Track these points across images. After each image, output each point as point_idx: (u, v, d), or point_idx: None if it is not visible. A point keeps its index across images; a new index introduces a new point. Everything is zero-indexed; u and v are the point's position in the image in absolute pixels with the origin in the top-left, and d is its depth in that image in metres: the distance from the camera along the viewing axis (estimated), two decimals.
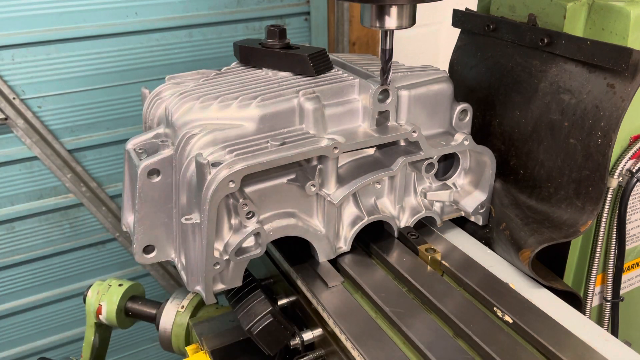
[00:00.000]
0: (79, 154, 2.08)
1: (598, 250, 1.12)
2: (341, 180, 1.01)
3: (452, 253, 1.10)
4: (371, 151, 1.10)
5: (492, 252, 1.14)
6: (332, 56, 1.16)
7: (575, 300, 1.02)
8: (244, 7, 2.10)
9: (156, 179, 0.97)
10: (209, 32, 2.09)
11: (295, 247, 1.08)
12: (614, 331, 1.18)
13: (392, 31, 0.98)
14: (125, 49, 1.99)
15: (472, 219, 1.18)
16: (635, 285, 1.24)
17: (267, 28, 1.10)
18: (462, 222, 1.21)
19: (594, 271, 1.14)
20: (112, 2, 1.90)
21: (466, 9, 1.29)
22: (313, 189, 0.97)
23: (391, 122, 1.06)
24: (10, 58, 1.85)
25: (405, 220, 1.13)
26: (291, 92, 1.01)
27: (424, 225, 1.17)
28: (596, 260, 1.13)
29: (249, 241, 0.95)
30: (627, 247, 1.15)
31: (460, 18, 1.29)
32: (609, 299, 1.17)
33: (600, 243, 1.12)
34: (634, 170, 1.06)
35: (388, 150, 1.09)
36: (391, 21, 0.94)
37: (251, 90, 1.02)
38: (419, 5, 0.95)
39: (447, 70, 1.28)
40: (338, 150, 0.96)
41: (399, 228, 1.12)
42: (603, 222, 1.10)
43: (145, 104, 1.12)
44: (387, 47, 0.99)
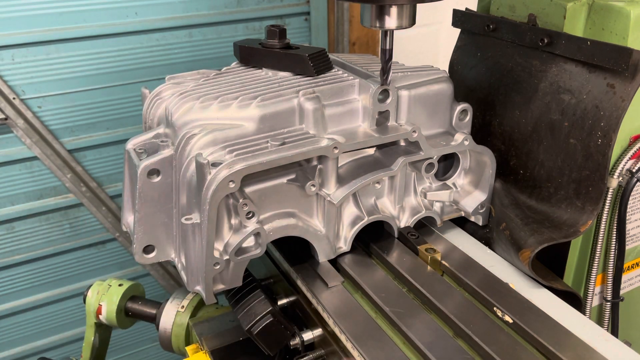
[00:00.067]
0: (79, 154, 2.08)
1: (598, 250, 1.12)
2: (341, 180, 1.01)
3: (452, 253, 1.10)
4: (371, 151, 1.10)
5: (492, 252, 1.14)
6: (332, 56, 1.16)
7: (575, 300, 1.02)
8: (244, 7, 2.10)
9: (156, 179, 0.97)
10: (209, 32, 2.09)
11: (295, 247, 1.08)
12: (614, 331, 1.18)
13: (392, 31, 0.98)
14: (125, 49, 1.99)
15: (472, 219, 1.18)
16: (635, 285, 1.24)
17: (267, 28, 1.10)
18: (462, 222, 1.21)
19: (594, 271, 1.14)
20: (112, 2, 1.90)
21: (466, 9, 1.29)
22: (313, 189, 0.97)
23: (391, 122, 1.06)
24: (10, 58, 1.84)
25: (405, 220, 1.13)
26: (291, 92, 1.01)
27: (424, 225, 1.17)
28: (596, 260, 1.13)
29: (249, 241, 0.95)
30: (627, 247, 1.15)
31: (460, 18, 1.29)
32: (609, 299, 1.17)
33: (600, 243, 1.12)
34: (634, 170, 1.06)
35: (388, 150, 1.09)
36: (391, 21, 0.94)
37: (251, 90, 1.02)
38: (419, 5, 0.95)
39: (447, 70, 1.28)
40: (338, 150, 0.96)
41: (399, 228, 1.12)
42: (603, 222, 1.10)
43: (145, 104, 1.12)
44: (387, 47, 0.99)
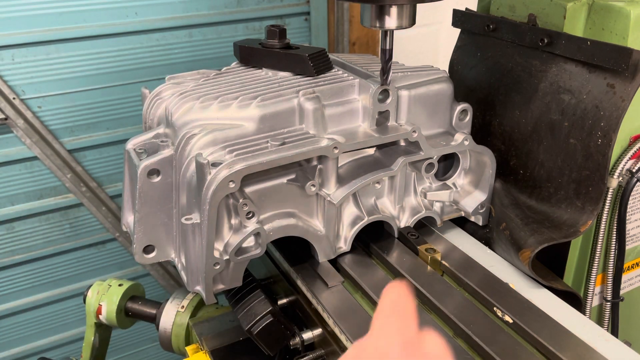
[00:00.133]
0: (79, 154, 2.07)
1: (598, 250, 1.12)
2: (341, 180, 1.01)
3: (452, 253, 1.10)
4: (371, 151, 1.10)
5: (492, 252, 1.14)
6: (332, 56, 1.16)
7: (575, 300, 1.02)
8: (244, 7, 2.10)
9: (156, 179, 0.97)
10: (209, 32, 2.08)
11: (295, 247, 1.08)
12: (614, 331, 1.18)
13: (392, 31, 0.98)
14: (125, 49, 1.98)
15: (472, 219, 1.18)
16: (635, 285, 1.24)
17: (267, 28, 1.10)
18: (462, 222, 1.21)
19: (594, 271, 1.14)
20: (112, 2, 1.90)
21: (466, 9, 1.29)
22: (313, 189, 0.97)
23: (391, 122, 1.05)
24: (10, 58, 1.84)
25: (405, 220, 1.13)
26: (291, 92, 1.01)
27: (424, 225, 1.17)
28: (596, 260, 1.13)
29: (249, 241, 0.95)
30: (627, 247, 1.15)
31: (460, 18, 1.29)
32: (609, 299, 1.17)
33: (600, 243, 1.12)
34: (634, 170, 1.06)
35: (388, 150, 1.09)
36: (391, 21, 0.94)
37: (251, 90, 1.02)
38: (419, 5, 0.95)
39: (447, 70, 1.28)
40: (338, 150, 0.96)
41: (399, 228, 1.12)
42: (603, 222, 1.10)
43: (145, 104, 1.12)
44: (387, 47, 0.99)
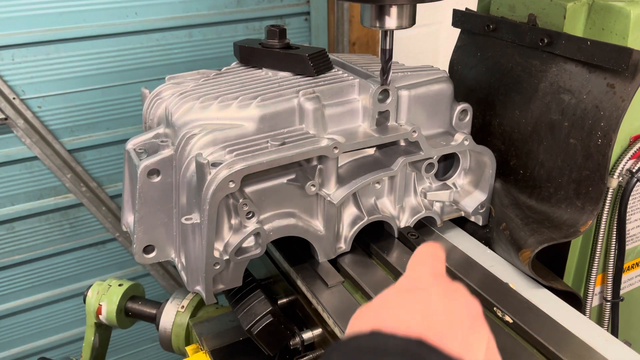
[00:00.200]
0: (79, 154, 2.07)
1: (598, 250, 1.12)
2: (341, 180, 1.01)
3: (452, 253, 1.10)
4: (371, 151, 1.10)
5: (492, 252, 1.14)
6: (332, 56, 1.16)
7: (575, 300, 1.02)
8: (244, 7, 2.10)
9: (156, 179, 0.97)
10: (209, 32, 2.08)
11: (295, 247, 1.08)
12: (614, 331, 1.18)
13: (392, 31, 0.98)
14: (125, 49, 1.98)
15: (472, 219, 1.18)
16: (635, 285, 1.24)
17: (267, 28, 1.10)
18: (462, 222, 1.21)
19: (594, 271, 1.14)
20: (112, 2, 1.90)
21: (466, 9, 1.29)
22: (313, 189, 0.97)
23: (391, 122, 1.05)
24: (10, 58, 1.84)
25: (405, 220, 1.13)
26: (291, 92, 1.01)
27: (424, 225, 1.17)
28: (596, 260, 1.13)
29: (249, 241, 0.95)
30: (627, 247, 1.15)
31: (460, 18, 1.28)
32: (609, 299, 1.17)
33: (600, 243, 1.12)
34: (634, 170, 1.06)
35: (388, 150, 1.09)
36: (391, 21, 0.94)
37: (251, 90, 1.02)
38: (419, 5, 0.95)
39: (447, 70, 1.28)
40: (338, 150, 0.96)
41: (399, 228, 1.12)
42: (603, 222, 1.10)
43: (145, 104, 1.12)
44: (387, 47, 0.99)
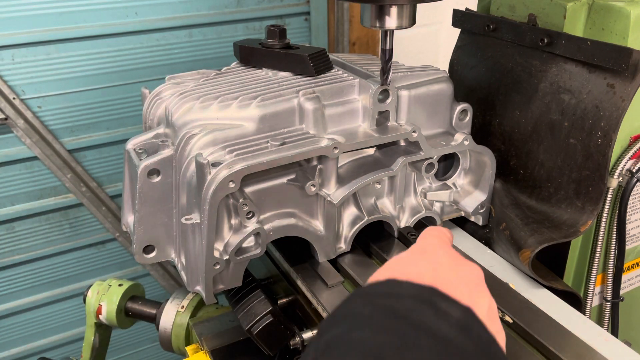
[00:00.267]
0: (79, 154, 2.07)
1: (598, 250, 1.12)
2: (341, 180, 1.01)
3: None
4: (371, 151, 1.10)
5: (492, 252, 1.14)
6: (332, 56, 1.16)
7: (575, 300, 1.02)
8: (244, 7, 2.10)
9: (156, 179, 0.97)
10: (209, 32, 2.08)
11: (295, 247, 1.08)
12: (614, 331, 1.18)
13: (392, 31, 0.98)
14: (125, 49, 1.98)
15: (472, 219, 1.18)
16: (635, 285, 1.24)
17: (267, 28, 1.10)
18: (462, 222, 1.21)
19: (594, 271, 1.14)
20: (112, 2, 1.90)
21: (466, 9, 1.29)
22: (313, 189, 0.97)
23: (391, 122, 1.05)
24: (10, 58, 1.84)
25: (405, 220, 1.13)
26: (291, 92, 1.01)
27: (424, 225, 1.17)
28: (596, 260, 1.13)
29: (249, 241, 0.95)
30: (627, 247, 1.15)
31: (460, 18, 1.29)
32: (609, 299, 1.17)
33: (600, 243, 1.12)
34: (634, 170, 1.06)
35: (388, 150, 1.09)
36: (391, 21, 0.94)
37: (251, 90, 1.02)
38: (419, 5, 0.95)
39: (447, 70, 1.28)
40: (338, 150, 0.96)
41: (399, 228, 1.12)
42: (603, 222, 1.10)
43: (145, 104, 1.12)
44: (387, 47, 0.99)
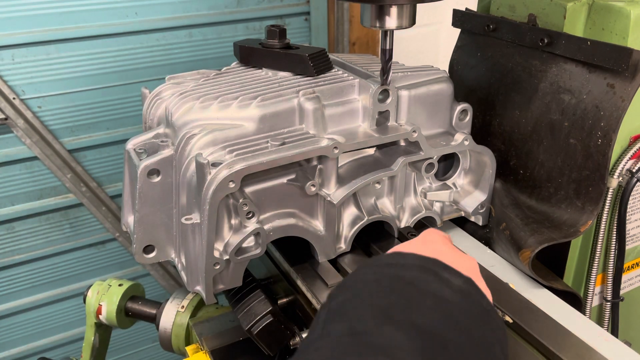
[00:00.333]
0: (79, 154, 2.07)
1: (598, 250, 1.12)
2: (341, 180, 1.01)
3: None
4: (371, 151, 1.10)
5: (492, 252, 1.14)
6: (332, 56, 1.16)
7: (575, 300, 1.02)
8: (244, 7, 2.10)
9: (156, 179, 0.97)
10: (209, 32, 2.08)
11: (295, 247, 1.08)
12: (614, 331, 1.18)
13: (392, 31, 0.98)
14: (125, 49, 1.98)
15: (472, 219, 1.18)
16: (635, 285, 1.24)
17: (267, 28, 1.10)
18: (462, 222, 1.21)
19: (594, 271, 1.14)
20: (112, 2, 1.90)
21: (466, 9, 1.29)
22: (313, 189, 0.97)
23: (391, 122, 1.05)
24: (10, 58, 1.84)
25: (405, 220, 1.13)
26: (291, 92, 1.01)
27: (424, 225, 1.17)
28: (596, 260, 1.13)
29: (249, 241, 0.95)
30: (627, 247, 1.15)
31: (460, 18, 1.29)
32: (609, 299, 1.17)
33: (600, 243, 1.12)
34: (634, 170, 1.06)
35: (388, 150, 1.09)
36: (391, 21, 0.94)
37: (251, 90, 1.02)
38: (419, 5, 0.95)
39: (447, 70, 1.28)
40: (338, 150, 0.96)
41: (399, 228, 1.12)
42: (603, 222, 1.10)
43: (145, 104, 1.12)
44: (387, 47, 0.99)
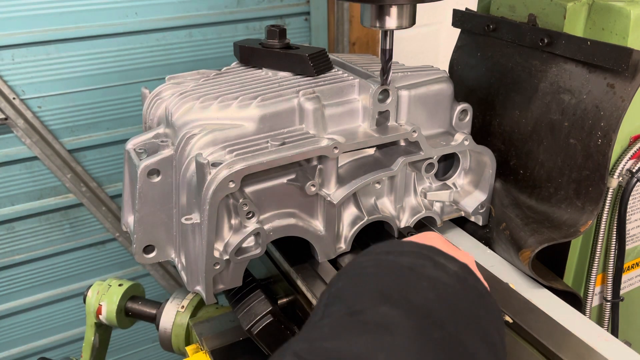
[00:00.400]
0: (79, 154, 2.07)
1: (598, 250, 1.12)
2: (341, 180, 1.01)
3: None
4: (371, 151, 1.10)
5: (492, 252, 1.14)
6: (332, 56, 1.16)
7: (575, 300, 1.02)
8: (244, 7, 2.10)
9: (156, 179, 0.97)
10: (209, 32, 2.08)
11: (295, 247, 1.08)
12: (614, 331, 1.18)
13: (392, 31, 0.98)
14: (125, 49, 1.98)
15: (472, 219, 1.18)
16: (635, 285, 1.24)
17: (267, 28, 1.10)
18: (462, 222, 1.21)
19: (594, 271, 1.14)
20: (112, 2, 1.90)
21: (466, 9, 1.29)
22: (313, 189, 0.97)
23: (391, 122, 1.05)
24: (10, 58, 1.84)
25: (405, 220, 1.13)
26: (291, 92, 1.01)
27: (424, 225, 1.17)
28: (596, 260, 1.13)
29: (249, 241, 0.95)
30: (627, 247, 1.15)
31: (460, 18, 1.29)
32: (609, 299, 1.17)
33: (600, 243, 1.12)
34: (634, 170, 1.06)
35: (388, 150, 1.09)
36: (391, 21, 0.94)
37: (251, 90, 1.02)
38: (419, 5, 0.95)
39: (447, 70, 1.28)
40: (338, 150, 0.96)
41: (399, 228, 1.12)
42: (603, 222, 1.10)
43: (145, 104, 1.12)
44: (387, 47, 0.99)
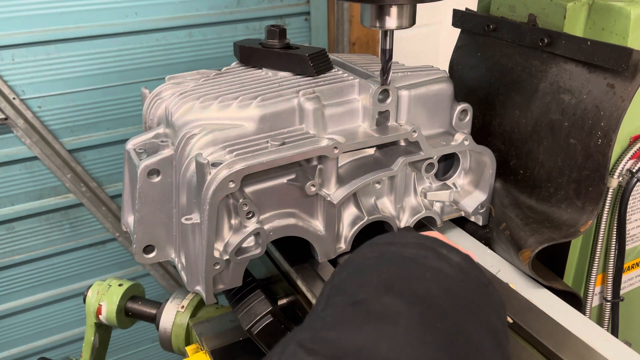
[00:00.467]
0: (79, 154, 2.07)
1: (598, 250, 1.12)
2: (341, 180, 1.01)
3: None
4: (371, 151, 1.10)
5: (492, 252, 1.14)
6: (332, 56, 1.16)
7: (575, 300, 1.02)
8: (244, 7, 2.10)
9: (156, 179, 0.97)
10: (209, 32, 2.08)
11: (295, 247, 1.08)
12: (614, 331, 1.18)
13: (392, 31, 0.98)
14: (125, 49, 1.98)
15: (472, 219, 1.18)
16: (635, 285, 1.24)
17: (267, 28, 1.10)
18: (462, 222, 1.21)
19: (594, 271, 1.14)
20: (112, 2, 1.90)
21: (466, 9, 1.29)
22: (313, 189, 0.97)
23: (391, 122, 1.06)
24: (10, 58, 1.84)
25: (405, 220, 1.13)
26: (291, 92, 1.01)
27: (424, 225, 1.17)
28: (596, 260, 1.13)
29: (249, 241, 0.95)
30: (627, 247, 1.15)
31: (460, 18, 1.29)
32: (609, 299, 1.17)
33: (600, 243, 1.12)
34: (634, 170, 1.06)
35: (388, 150, 1.09)
36: (391, 21, 0.94)
37: (251, 90, 1.02)
38: (419, 5, 0.95)
39: (447, 70, 1.28)
40: (338, 150, 0.96)
41: (399, 228, 1.12)
42: (603, 222, 1.10)
43: (145, 104, 1.12)
44: (387, 47, 0.99)
